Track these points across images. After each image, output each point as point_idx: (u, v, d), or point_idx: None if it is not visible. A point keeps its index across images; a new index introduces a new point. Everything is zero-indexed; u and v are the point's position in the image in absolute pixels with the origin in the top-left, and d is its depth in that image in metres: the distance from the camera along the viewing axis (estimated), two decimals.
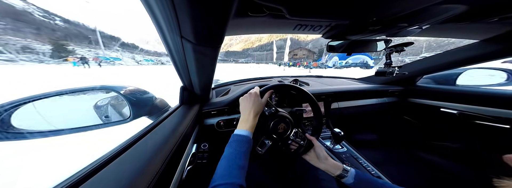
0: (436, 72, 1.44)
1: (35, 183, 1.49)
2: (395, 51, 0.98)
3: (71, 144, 2.01)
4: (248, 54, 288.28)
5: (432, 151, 1.44)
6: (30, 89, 8.13)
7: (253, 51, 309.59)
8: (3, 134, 0.54)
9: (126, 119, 0.78)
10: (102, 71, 22.89)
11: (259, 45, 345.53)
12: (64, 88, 0.67)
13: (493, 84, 1.35)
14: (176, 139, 0.58)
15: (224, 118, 1.12)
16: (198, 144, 1.11)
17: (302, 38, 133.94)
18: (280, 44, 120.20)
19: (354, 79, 1.97)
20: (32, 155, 1.95)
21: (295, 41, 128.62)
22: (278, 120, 0.74)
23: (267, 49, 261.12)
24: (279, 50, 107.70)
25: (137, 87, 0.89)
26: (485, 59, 1.04)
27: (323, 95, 1.35)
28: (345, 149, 1.15)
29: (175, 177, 0.53)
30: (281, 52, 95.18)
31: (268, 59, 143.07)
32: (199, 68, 0.64)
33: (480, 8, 0.58)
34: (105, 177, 0.36)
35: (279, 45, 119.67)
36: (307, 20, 0.65)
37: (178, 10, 0.32)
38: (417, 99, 1.53)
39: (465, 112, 1.20)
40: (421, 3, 0.50)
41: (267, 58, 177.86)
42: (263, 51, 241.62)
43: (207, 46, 0.48)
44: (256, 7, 0.53)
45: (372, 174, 0.90)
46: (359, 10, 0.56)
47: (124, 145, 0.50)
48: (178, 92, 0.96)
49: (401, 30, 0.71)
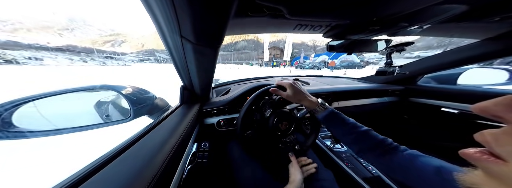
0: (437, 72, 1.44)
1: (35, 183, 1.50)
2: (396, 50, 0.98)
3: (73, 143, 2.02)
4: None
5: (432, 151, 1.44)
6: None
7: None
8: (4, 133, 0.54)
9: (126, 118, 0.78)
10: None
11: (223, 45, 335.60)
12: (65, 88, 0.68)
13: (494, 84, 1.35)
14: (177, 138, 0.58)
15: (224, 117, 1.12)
16: (199, 143, 1.12)
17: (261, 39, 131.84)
18: (243, 45, 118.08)
19: (354, 78, 1.97)
20: (32, 154, 1.96)
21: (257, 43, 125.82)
22: (281, 117, 0.74)
23: (230, 50, 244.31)
24: (244, 50, 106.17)
25: (137, 86, 0.89)
26: (486, 58, 1.03)
27: (323, 94, 1.35)
28: (345, 148, 1.15)
29: (176, 176, 0.54)
30: (246, 52, 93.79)
31: (235, 60, 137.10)
32: (199, 68, 0.64)
33: (481, 8, 0.57)
34: (105, 176, 0.36)
35: (241, 47, 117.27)
36: (307, 20, 0.65)
37: (178, 9, 0.32)
38: (417, 98, 1.53)
39: (466, 112, 1.20)
40: (422, 3, 0.50)
41: (233, 59, 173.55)
42: (226, 52, 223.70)
43: (207, 46, 0.48)
44: (256, 7, 0.53)
45: (372, 174, 0.91)
46: (360, 10, 0.56)
47: (124, 144, 0.50)
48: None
49: (401, 30, 0.70)
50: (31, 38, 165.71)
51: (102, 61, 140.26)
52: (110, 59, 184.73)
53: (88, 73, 23.93)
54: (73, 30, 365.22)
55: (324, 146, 1.19)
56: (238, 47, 57.59)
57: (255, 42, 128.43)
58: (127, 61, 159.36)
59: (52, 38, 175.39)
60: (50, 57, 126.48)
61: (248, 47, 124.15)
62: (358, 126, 0.59)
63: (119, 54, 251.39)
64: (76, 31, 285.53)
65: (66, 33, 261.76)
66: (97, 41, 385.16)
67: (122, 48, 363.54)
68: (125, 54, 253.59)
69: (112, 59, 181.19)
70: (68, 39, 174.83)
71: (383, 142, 0.52)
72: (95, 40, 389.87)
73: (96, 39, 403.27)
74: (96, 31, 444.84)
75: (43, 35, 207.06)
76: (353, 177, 0.90)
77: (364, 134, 0.56)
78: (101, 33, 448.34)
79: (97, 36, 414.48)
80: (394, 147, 0.51)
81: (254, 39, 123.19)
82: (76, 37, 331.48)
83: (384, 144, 0.52)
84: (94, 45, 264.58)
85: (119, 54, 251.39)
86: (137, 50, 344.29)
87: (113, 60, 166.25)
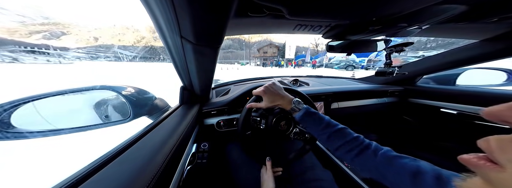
0: (436, 73, 1.44)
1: (35, 182, 1.49)
2: (395, 51, 0.98)
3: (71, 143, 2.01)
4: None
5: (432, 151, 1.44)
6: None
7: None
8: (3, 134, 0.54)
9: (126, 118, 0.78)
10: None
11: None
12: (64, 88, 0.68)
13: (493, 85, 1.35)
14: (176, 139, 0.58)
15: (224, 118, 1.12)
16: (198, 143, 1.11)
17: (247, 39, 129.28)
18: (227, 44, 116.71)
19: (354, 79, 1.97)
20: (32, 154, 1.95)
21: (242, 42, 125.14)
22: (280, 117, 0.74)
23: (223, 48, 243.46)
24: (228, 49, 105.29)
25: (137, 87, 0.89)
26: (485, 59, 1.04)
27: (323, 95, 1.35)
28: None
29: (175, 177, 0.53)
30: (231, 52, 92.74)
31: (221, 59, 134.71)
32: (199, 68, 0.64)
33: (479, 8, 0.58)
34: (104, 177, 0.36)
35: (226, 46, 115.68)
36: (307, 21, 0.65)
37: (178, 10, 0.32)
38: (417, 99, 1.54)
39: (465, 112, 1.20)
40: (421, 3, 0.50)
41: (219, 58, 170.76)
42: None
43: (207, 46, 0.48)
44: (256, 7, 0.53)
45: None
46: (359, 10, 0.56)
47: (123, 145, 0.50)
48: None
49: (401, 30, 0.71)
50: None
51: (15, 56, 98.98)
52: (32, 54, 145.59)
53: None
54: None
55: (323, 146, 1.19)
56: (223, 46, 56.79)
57: (239, 41, 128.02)
58: (67, 58, 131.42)
59: None
60: None
61: (233, 46, 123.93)
62: (332, 124, 0.58)
63: (56, 49, 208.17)
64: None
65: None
66: (18, 30, 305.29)
67: (62, 42, 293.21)
68: (67, 49, 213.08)
69: (40, 55, 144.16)
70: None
71: (355, 139, 0.51)
72: (15, 30, 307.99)
73: (16, 28, 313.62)
74: (16, 18, 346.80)
75: None
76: (352, 178, 0.90)
77: (338, 132, 0.55)
78: (24, 21, 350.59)
79: (16, 24, 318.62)
80: (367, 145, 0.49)
81: (240, 38, 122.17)
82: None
83: (357, 142, 0.50)
84: (12, 36, 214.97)
85: (56, 49, 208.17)
86: (87, 45, 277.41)
87: (42, 56, 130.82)
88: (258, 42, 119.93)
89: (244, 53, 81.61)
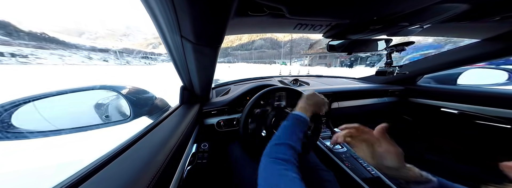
0: (437, 72, 1.44)
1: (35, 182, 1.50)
2: (396, 50, 0.97)
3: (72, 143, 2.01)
4: (227, 54, 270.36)
5: (432, 151, 1.44)
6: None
7: (232, 50, 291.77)
8: (3, 134, 0.54)
9: (126, 118, 0.78)
10: None
11: (239, 44, 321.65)
12: (65, 88, 0.67)
13: (494, 84, 1.35)
14: (176, 139, 0.58)
15: (224, 118, 1.12)
16: (198, 143, 1.11)
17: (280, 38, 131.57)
18: (260, 44, 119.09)
19: (354, 79, 1.97)
20: (32, 154, 1.95)
21: (274, 41, 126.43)
22: (278, 117, 0.75)
23: (248, 48, 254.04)
24: (261, 49, 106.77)
25: (137, 87, 0.89)
26: (487, 58, 1.03)
27: (323, 95, 1.35)
28: (345, 149, 1.15)
29: (175, 177, 0.53)
30: (263, 51, 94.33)
31: (256, 59, 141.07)
32: (199, 68, 0.64)
33: (481, 7, 0.57)
34: (105, 176, 0.36)
35: (259, 45, 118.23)
36: (307, 20, 0.65)
37: (178, 9, 0.32)
38: (417, 98, 1.53)
39: (465, 112, 1.20)
40: (423, 2, 0.50)
41: (253, 57, 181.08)
42: (244, 51, 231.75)
43: (207, 46, 0.48)
44: (256, 6, 0.53)
45: (372, 174, 0.90)
46: (360, 10, 0.56)
47: (124, 145, 0.50)
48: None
49: (402, 30, 0.70)
50: (102, 44, 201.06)
51: (143, 61, 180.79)
52: (145, 59, 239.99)
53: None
54: (128, 36, 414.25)
55: (324, 146, 1.19)
56: (255, 46, 56.22)
57: (272, 40, 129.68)
58: (157, 60, 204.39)
59: (116, 43, 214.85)
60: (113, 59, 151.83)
61: (265, 45, 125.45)
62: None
63: (155, 55, 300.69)
64: (130, 37, 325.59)
65: (124, 39, 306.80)
66: (142, 44, 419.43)
67: (158, 50, 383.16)
68: (160, 54, 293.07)
69: (147, 59, 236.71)
70: (125, 43, 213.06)
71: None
72: (141, 43, 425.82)
73: (142, 42, 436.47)
74: (142, 36, 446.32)
75: (109, 40, 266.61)
76: (353, 178, 0.89)
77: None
78: (146, 37, 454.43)
79: (142, 40, 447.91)
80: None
81: (272, 37, 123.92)
82: (130, 42, 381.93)
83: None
84: (141, 47, 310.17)
85: (155, 55, 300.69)
86: (166, 52, 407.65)
87: (148, 60, 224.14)
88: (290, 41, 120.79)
89: (278, 52, 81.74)
